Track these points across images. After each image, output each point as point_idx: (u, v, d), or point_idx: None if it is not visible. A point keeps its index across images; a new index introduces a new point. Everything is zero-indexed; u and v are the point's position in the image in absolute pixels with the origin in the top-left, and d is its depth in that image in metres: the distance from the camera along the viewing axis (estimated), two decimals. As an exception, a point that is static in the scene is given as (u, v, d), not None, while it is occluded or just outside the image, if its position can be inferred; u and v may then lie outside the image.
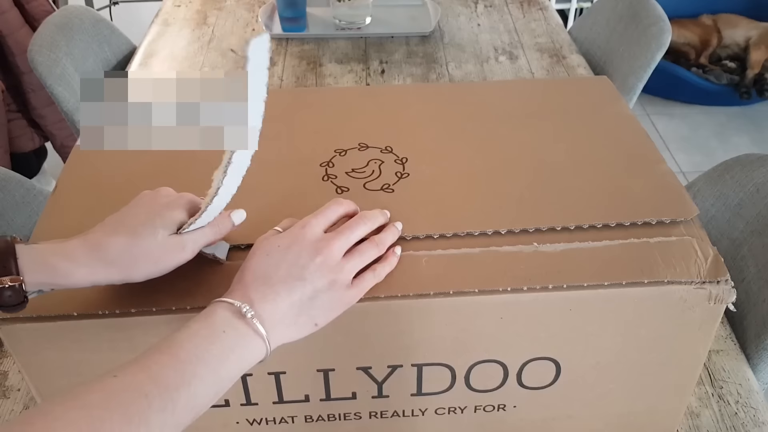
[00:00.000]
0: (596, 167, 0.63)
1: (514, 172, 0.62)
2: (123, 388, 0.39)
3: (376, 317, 0.52)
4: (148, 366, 0.40)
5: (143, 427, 0.37)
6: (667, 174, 0.62)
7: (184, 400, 0.40)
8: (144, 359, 0.41)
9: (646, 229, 0.56)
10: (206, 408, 0.42)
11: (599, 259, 0.54)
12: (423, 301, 0.52)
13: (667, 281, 0.52)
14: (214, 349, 0.42)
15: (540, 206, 0.58)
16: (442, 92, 0.77)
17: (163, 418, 0.39)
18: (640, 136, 0.67)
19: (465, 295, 0.51)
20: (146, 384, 0.39)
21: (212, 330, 0.43)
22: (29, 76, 1.65)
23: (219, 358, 0.42)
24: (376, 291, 0.51)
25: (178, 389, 0.40)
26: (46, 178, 1.96)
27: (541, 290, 0.52)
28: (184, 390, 0.40)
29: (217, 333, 0.43)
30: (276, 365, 0.55)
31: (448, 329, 0.54)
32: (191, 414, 0.41)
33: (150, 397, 0.38)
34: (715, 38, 2.47)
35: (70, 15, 1.35)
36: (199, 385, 0.41)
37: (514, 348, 0.55)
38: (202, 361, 0.41)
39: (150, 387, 0.39)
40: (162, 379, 0.40)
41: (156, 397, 0.39)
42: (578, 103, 0.73)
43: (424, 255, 0.54)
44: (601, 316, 0.54)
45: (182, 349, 0.41)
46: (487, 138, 0.67)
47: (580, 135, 0.67)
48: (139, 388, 0.39)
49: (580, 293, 0.52)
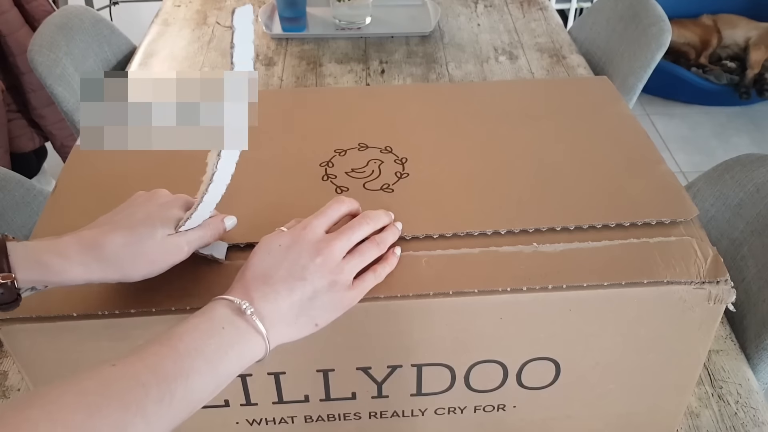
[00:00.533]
0: (596, 167, 0.63)
1: (514, 172, 0.62)
2: (120, 376, 0.38)
3: (376, 317, 0.52)
4: (146, 357, 0.40)
5: (140, 417, 0.37)
6: (667, 174, 0.62)
7: (182, 392, 0.40)
8: (142, 351, 0.40)
9: (646, 230, 0.56)
10: (202, 403, 0.42)
11: (599, 260, 0.54)
12: (423, 302, 0.52)
13: (667, 281, 0.52)
14: (213, 344, 0.42)
15: (540, 206, 0.58)
16: (442, 92, 0.77)
17: (160, 408, 0.39)
18: (640, 136, 0.67)
19: (465, 295, 0.51)
20: (143, 373, 0.39)
21: (211, 325, 0.43)
22: (29, 76, 1.65)
23: (217, 353, 0.42)
24: (376, 291, 0.51)
25: (176, 380, 0.40)
26: (46, 178, 1.96)
27: (541, 290, 0.52)
28: (181, 382, 0.40)
29: (217, 329, 0.43)
30: (276, 365, 0.55)
31: (448, 329, 0.54)
32: (188, 408, 0.40)
33: (147, 386, 0.38)
34: (715, 38, 2.47)
35: (70, 15, 1.35)
36: (196, 379, 0.41)
37: (514, 348, 0.55)
38: (200, 355, 0.41)
39: (147, 377, 0.39)
40: (160, 370, 0.40)
41: (153, 387, 0.39)
42: (578, 103, 0.73)
43: (424, 255, 0.54)
44: (600, 316, 0.54)
45: (181, 341, 0.41)
46: (487, 138, 0.67)
47: (580, 135, 0.67)
48: (137, 377, 0.39)
49: (580, 293, 0.52)
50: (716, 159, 1.18)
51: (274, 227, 0.51)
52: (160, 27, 1.45)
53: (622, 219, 0.56)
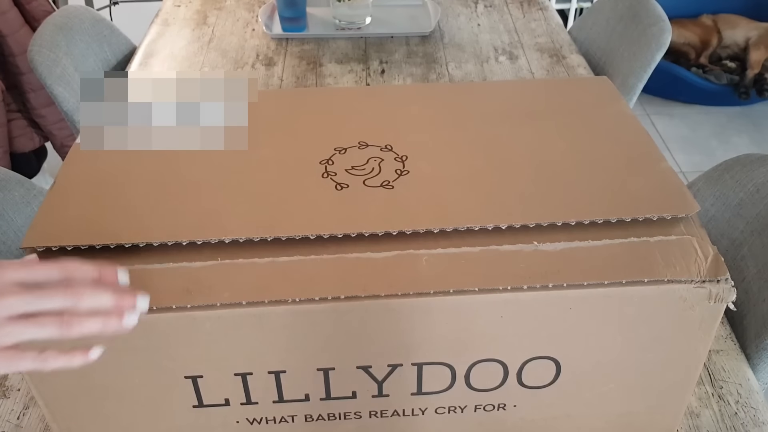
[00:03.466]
0: (597, 165, 0.63)
1: (514, 171, 0.62)
2: None
3: (377, 316, 0.52)
4: None
5: None
6: (668, 171, 0.62)
7: None
8: None
9: (647, 228, 0.56)
10: None
11: (599, 258, 0.54)
12: (423, 300, 0.51)
13: (667, 280, 0.52)
14: None
15: (540, 203, 0.58)
16: (442, 92, 0.77)
17: None
18: (640, 134, 0.67)
19: (465, 293, 0.51)
20: None
21: None
22: (29, 76, 1.65)
23: None
24: (377, 289, 0.51)
25: None
26: (46, 178, 1.96)
27: (542, 289, 0.52)
28: None
29: None
30: (276, 364, 0.55)
31: (449, 328, 0.54)
32: None
33: None
34: (715, 38, 2.47)
35: (70, 15, 1.35)
36: None
37: (515, 347, 0.55)
38: None
39: None
40: None
41: None
42: (578, 103, 0.73)
43: (425, 254, 0.54)
44: (601, 315, 0.54)
45: None
46: (487, 136, 0.67)
47: (580, 134, 0.67)
48: None
49: (580, 292, 0.52)
50: (716, 159, 1.18)
51: (273, 224, 0.51)
52: (160, 27, 1.45)
53: (623, 215, 0.56)
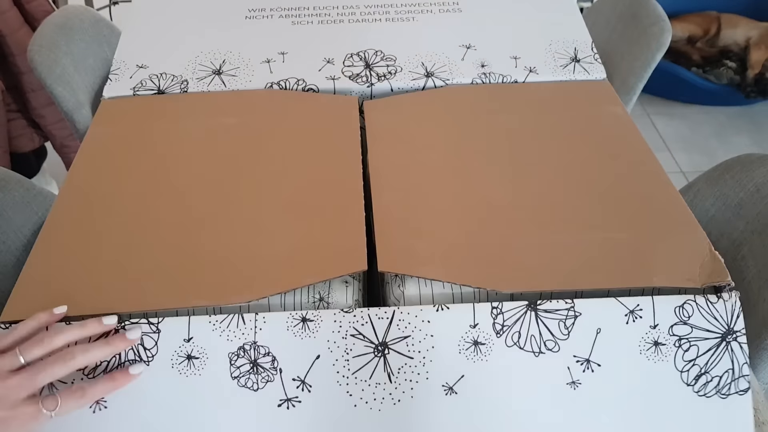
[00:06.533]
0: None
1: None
2: None
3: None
4: None
5: None
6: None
7: None
8: None
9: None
10: None
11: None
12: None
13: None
14: None
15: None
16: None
17: None
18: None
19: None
20: None
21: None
22: (29, 76, 1.65)
23: None
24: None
25: None
26: (46, 178, 1.96)
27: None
28: None
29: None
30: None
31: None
32: None
33: None
34: (715, 27, 2.47)
35: (70, 15, 1.35)
36: None
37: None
38: None
39: None
40: None
41: None
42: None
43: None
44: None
45: None
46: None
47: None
48: None
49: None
50: (716, 159, 1.18)
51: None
52: (160, 27, 1.44)
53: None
